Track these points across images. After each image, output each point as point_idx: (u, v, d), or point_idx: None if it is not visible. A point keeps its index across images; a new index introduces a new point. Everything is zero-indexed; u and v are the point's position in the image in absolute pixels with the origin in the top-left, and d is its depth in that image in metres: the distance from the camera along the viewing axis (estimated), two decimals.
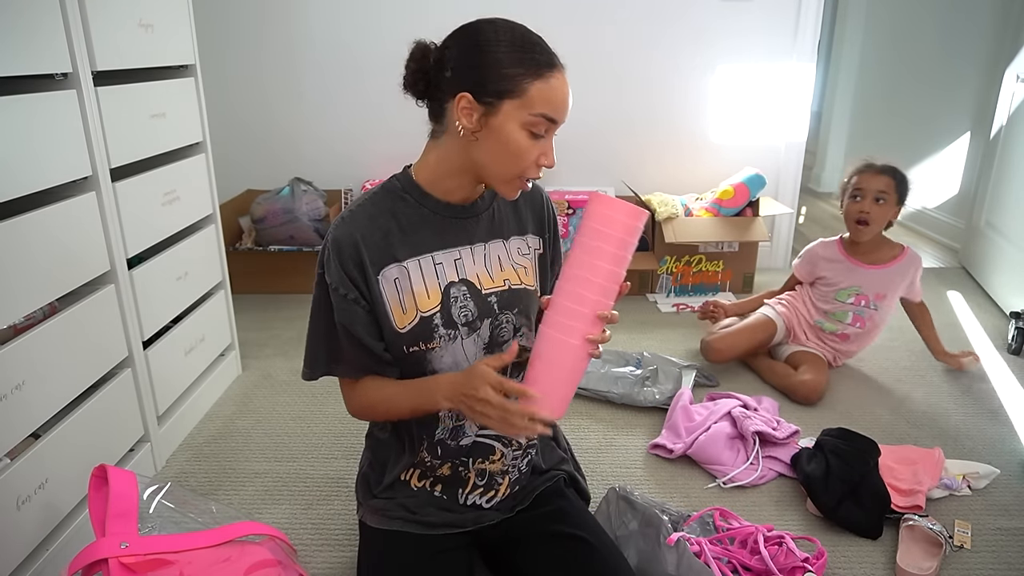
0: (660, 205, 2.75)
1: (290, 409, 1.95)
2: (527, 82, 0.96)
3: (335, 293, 1.06)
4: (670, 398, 1.89)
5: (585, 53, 2.86)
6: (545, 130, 1.00)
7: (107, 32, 1.43)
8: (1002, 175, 2.77)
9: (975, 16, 3.35)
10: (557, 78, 0.98)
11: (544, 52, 0.99)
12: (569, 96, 1.01)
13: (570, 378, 0.98)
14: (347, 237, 1.04)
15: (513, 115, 0.97)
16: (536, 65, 0.97)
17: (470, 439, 1.15)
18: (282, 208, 2.74)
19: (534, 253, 1.18)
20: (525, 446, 1.21)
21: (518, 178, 1.02)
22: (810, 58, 2.90)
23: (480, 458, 1.17)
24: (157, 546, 1.04)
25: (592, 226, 0.96)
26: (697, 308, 2.14)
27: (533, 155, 1.00)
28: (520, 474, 1.20)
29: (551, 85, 0.98)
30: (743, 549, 1.32)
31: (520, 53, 0.97)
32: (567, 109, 1.01)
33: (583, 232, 0.97)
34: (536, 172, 1.02)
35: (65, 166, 1.34)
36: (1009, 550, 1.39)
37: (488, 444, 1.16)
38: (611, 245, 0.95)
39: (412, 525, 1.15)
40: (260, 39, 2.92)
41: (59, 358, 1.30)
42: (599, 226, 0.95)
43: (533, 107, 0.97)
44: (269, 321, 2.54)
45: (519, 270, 1.14)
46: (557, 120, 1.00)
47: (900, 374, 2.13)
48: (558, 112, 0.99)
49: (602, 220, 0.95)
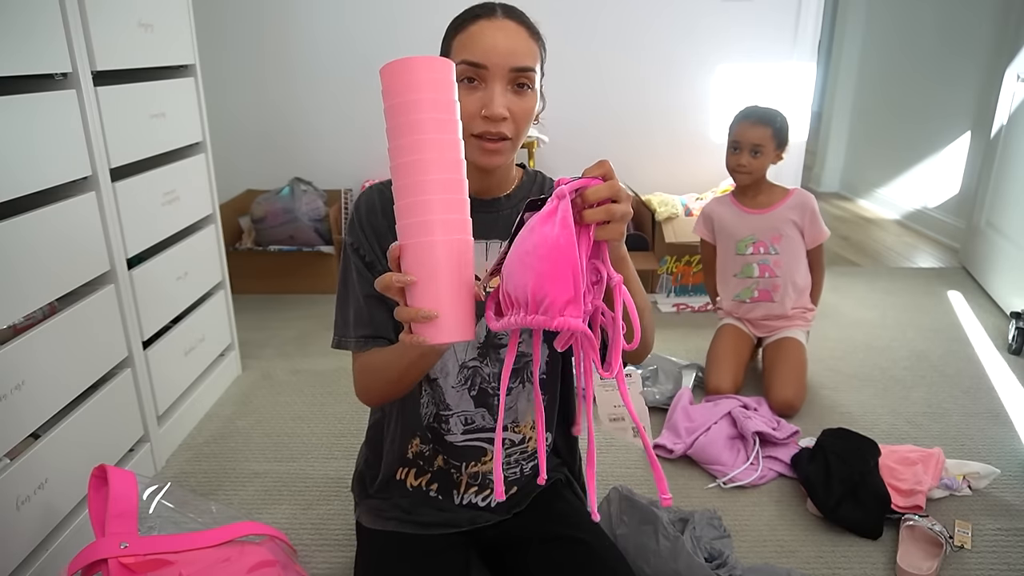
0: (660, 205, 2.75)
1: (290, 409, 1.95)
2: (452, 40, 0.98)
3: (355, 254, 1.06)
4: (670, 398, 1.89)
5: (585, 53, 2.87)
6: (477, 76, 0.94)
7: (107, 32, 1.43)
8: (1002, 175, 2.77)
9: (975, 16, 3.35)
10: (480, 24, 0.96)
11: (476, 7, 0.98)
12: (498, 37, 0.94)
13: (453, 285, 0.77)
14: (371, 203, 1.06)
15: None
16: (462, 20, 0.98)
17: (457, 437, 1.14)
18: (282, 208, 2.74)
19: None
20: (532, 452, 1.19)
21: (471, 137, 0.96)
22: (810, 58, 2.89)
23: (472, 461, 1.16)
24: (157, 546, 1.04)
25: (394, 103, 0.76)
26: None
27: (471, 107, 0.94)
28: (522, 475, 1.20)
29: (470, 32, 0.96)
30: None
31: (458, 17, 0.98)
32: (494, 50, 0.94)
33: (388, 116, 0.78)
34: (482, 125, 0.95)
35: (65, 166, 1.34)
36: (1009, 550, 1.39)
37: (478, 447, 1.15)
38: (425, 111, 0.76)
39: (407, 525, 1.14)
40: (260, 39, 2.92)
41: (59, 358, 1.30)
42: (401, 99, 0.76)
43: (457, 57, 0.95)
44: (269, 321, 2.54)
45: None
46: (479, 62, 0.94)
47: (900, 374, 2.13)
48: (478, 54, 0.94)
49: (400, 91, 0.76)
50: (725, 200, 2.10)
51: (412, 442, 1.17)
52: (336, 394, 2.02)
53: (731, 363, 1.99)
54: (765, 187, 2.04)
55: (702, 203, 2.83)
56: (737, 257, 2.06)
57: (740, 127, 1.97)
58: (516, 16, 0.99)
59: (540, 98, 1.03)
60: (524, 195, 1.11)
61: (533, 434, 1.18)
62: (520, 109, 0.97)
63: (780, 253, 2.01)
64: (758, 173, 1.99)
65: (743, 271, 2.06)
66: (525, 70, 0.96)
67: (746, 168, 1.97)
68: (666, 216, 2.72)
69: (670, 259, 2.75)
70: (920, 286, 2.89)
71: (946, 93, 3.60)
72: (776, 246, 2.01)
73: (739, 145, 1.97)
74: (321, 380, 2.10)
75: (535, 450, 1.20)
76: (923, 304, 2.69)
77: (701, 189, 3.00)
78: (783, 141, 1.98)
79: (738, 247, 2.05)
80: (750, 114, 1.98)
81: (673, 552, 1.24)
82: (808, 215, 2.00)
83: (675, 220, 2.72)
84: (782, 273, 2.02)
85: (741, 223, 2.04)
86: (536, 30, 1.00)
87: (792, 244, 2.01)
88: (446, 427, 1.14)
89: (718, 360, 2.00)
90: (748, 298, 2.06)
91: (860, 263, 3.23)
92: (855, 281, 2.95)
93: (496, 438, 0.86)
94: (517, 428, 1.17)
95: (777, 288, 2.03)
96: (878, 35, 4.28)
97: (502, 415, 0.84)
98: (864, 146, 4.50)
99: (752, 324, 2.09)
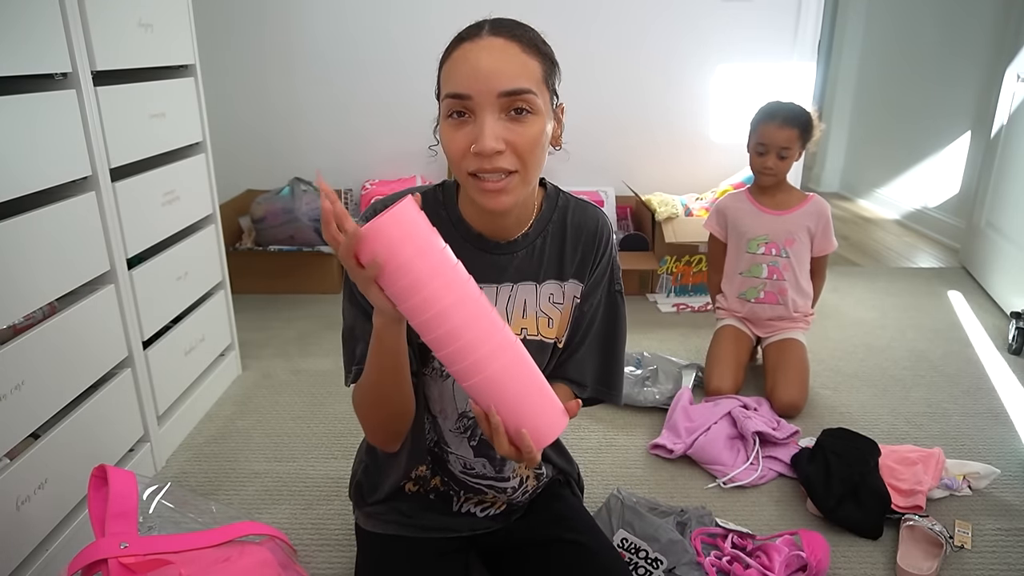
0: (660, 205, 2.75)
1: (290, 409, 1.95)
2: (441, 72, 0.88)
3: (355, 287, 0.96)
4: (670, 398, 1.89)
5: (585, 53, 2.87)
6: (464, 109, 0.84)
7: (107, 32, 1.43)
8: (1002, 175, 2.76)
9: (975, 15, 3.35)
10: (463, 48, 0.85)
11: (464, 30, 0.87)
12: (481, 59, 0.83)
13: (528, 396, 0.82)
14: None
15: (443, 110, 0.87)
16: (447, 49, 0.87)
17: (456, 468, 1.12)
18: (282, 208, 2.74)
19: (571, 301, 1.04)
20: (533, 489, 1.18)
21: (468, 177, 0.87)
22: (810, 58, 2.89)
23: (471, 494, 1.15)
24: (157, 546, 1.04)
25: (391, 267, 0.75)
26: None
27: (459, 144, 0.85)
28: (527, 501, 1.19)
29: (453, 59, 0.85)
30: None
31: (447, 47, 0.88)
32: (472, 75, 0.83)
33: (390, 281, 0.76)
34: (475, 162, 0.85)
35: (65, 166, 1.34)
36: (1009, 550, 1.39)
37: (479, 488, 1.13)
38: (416, 267, 0.75)
39: (407, 529, 1.14)
40: (260, 39, 2.92)
41: (59, 358, 1.30)
42: (391, 264, 0.75)
43: (443, 91, 0.87)
44: (269, 321, 2.54)
45: (542, 320, 1.02)
46: (461, 92, 0.83)
47: (900, 374, 2.13)
48: (458, 83, 0.83)
49: (387, 252, 0.74)
50: (742, 196, 2.08)
51: (419, 468, 1.14)
52: (336, 394, 2.02)
53: (731, 364, 1.99)
54: (785, 187, 2.04)
55: (702, 203, 2.84)
56: (747, 255, 2.05)
57: (767, 129, 1.92)
58: (506, 31, 0.86)
59: (551, 120, 0.90)
60: (542, 229, 1.00)
61: (528, 473, 1.16)
62: (520, 138, 0.84)
63: (790, 257, 2.01)
64: (783, 175, 1.99)
65: (751, 270, 2.05)
66: (518, 92, 0.83)
67: (772, 171, 1.95)
68: (666, 216, 2.72)
69: (670, 259, 2.75)
70: (920, 286, 2.89)
71: (946, 93, 3.60)
72: (788, 249, 2.01)
73: (766, 148, 1.93)
74: (321, 380, 2.10)
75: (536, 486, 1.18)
76: (923, 304, 2.69)
77: (701, 189, 3.00)
78: (808, 137, 1.95)
79: (749, 245, 2.04)
80: (775, 114, 1.93)
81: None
82: (823, 224, 2.00)
83: (675, 220, 2.72)
84: (789, 277, 2.02)
85: (757, 222, 2.03)
86: (534, 42, 0.88)
87: (802, 249, 2.02)
88: (447, 457, 1.13)
89: (718, 361, 2.00)
90: (753, 298, 2.06)
91: (860, 263, 3.23)
92: (855, 281, 2.95)
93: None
94: (515, 473, 1.14)
95: (784, 292, 2.03)
96: (878, 35, 4.28)
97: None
98: (864, 146, 4.50)
99: (753, 323, 2.09)
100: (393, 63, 2.92)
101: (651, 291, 2.83)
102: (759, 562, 1.28)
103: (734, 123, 2.98)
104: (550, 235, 1.02)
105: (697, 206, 2.83)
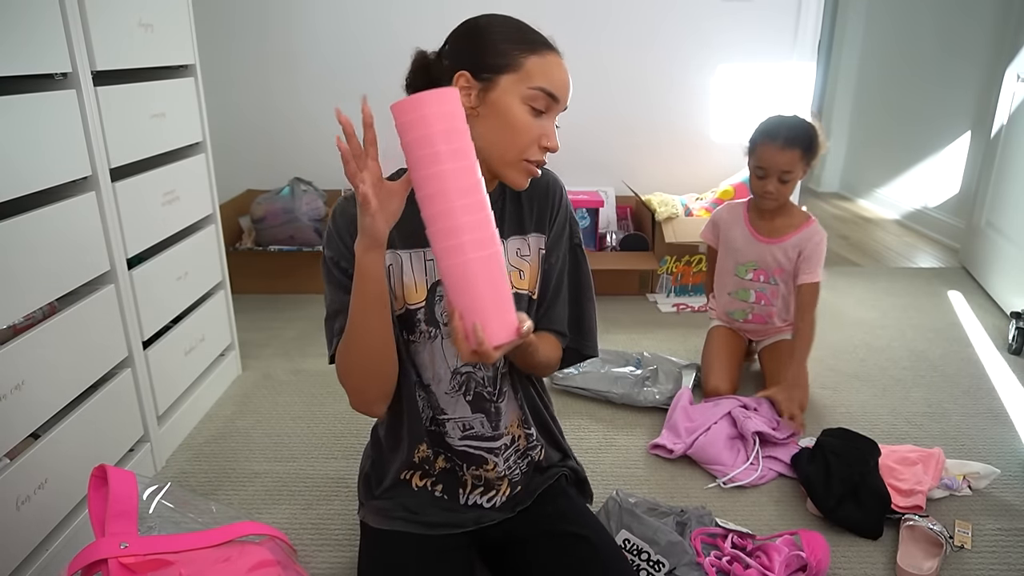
0: (660, 205, 2.75)
1: (290, 409, 1.95)
2: (523, 56, 0.97)
3: (337, 267, 1.04)
4: (670, 398, 1.89)
5: (585, 53, 2.86)
6: (545, 107, 0.98)
7: (107, 32, 1.43)
8: (1002, 175, 2.77)
9: (975, 16, 3.35)
10: (554, 56, 0.99)
11: (539, 34, 1.00)
12: (568, 80, 1.00)
13: (493, 293, 0.87)
14: (347, 213, 1.02)
15: (511, 89, 0.97)
16: (532, 42, 0.98)
17: (455, 440, 1.15)
18: (282, 208, 2.74)
19: (536, 253, 1.13)
20: (524, 449, 1.20)
21: (522, 160, 1.00)
22: (810, 58, 2.90)
23: (473, 466, 1.17)
24: (157, 546, 1.04)
25: (410, 139, 0.84)
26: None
27: (533, 133, 0.98)
28: (521, 474, 1.20)
29: (548, 60, 0.98)
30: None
31: (516, 32, 0.99)
32: (567, 89, 1.00)
33: (407, 151, 0.86)
34: (539, 154, 1.00)
35: (65, 166, 1.34)
36: (1009, 550, 1.39)
37: (479, 455, 1.16)
38: (439, 143, 0.83)
39: (413, 525, 1.14)
40: (260, 39, 2.92)
41: (59, 358, 1.30)
42: (416, 134, 0.84)
43: (532, 80, 0.97)
44: (269, 321, 2.54)
45: (513, 273, 1.10)
46: (556, 96, 0.99)
47: (900, 374, 2.13)
48: (556, 88, 0.98)
49: (415, 126, 0.84)
50: (738, 214, 1.99)
51: (419, 447, 1.16)
52: (336, 394, 2.01)
53: (727, 364, 1.98)
54: (786, 210, 1.92)
55: (702, 203, 2.84)
56: (735, 278, 2.02)
57: (766, 151, 1.78)
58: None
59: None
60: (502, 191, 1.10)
61: (520, 432, 1.19)
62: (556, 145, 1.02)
63: (779, 284, 1.97)
64: (785, 199, 1.87)
65: (739, 293, 2.02)
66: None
67: (773, 196, 1.83)
68: (666, 216, 2.72)
69: (670, 259, 2.75)
70: (920, 286, 2.89)
71: (946, 93, 3.60)
72: (777, 277, 1.96)
73: (766, 172, 1.80)
74: (321, 380, 2.10)
75: (527, 447, 1.20)
76: (923, 304, 2.69)
77: (701, 189, 3.00)
78: (812, 157, 1.80)
79: (738, 269, 2.00)
80: (775, 134, 1.77)
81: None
82: (810, 249, 1.87)
83: (675, 220, 2.72)
84: (777, 303, 2.00)
85: (748, 247, 1.97)
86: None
87: (791, 277, 1.95)
88: (444, 429, 1.15)
89: (714, 362, 1.99)
90: (741, 319, 2.04)
91: (860, 263, 3.23)
92: (855, 281, 2.95)
93: None
94: (507, 430, 1.17)
95: (772, 316, 2.01)
96: (878, 35, 4.29)
97: None
98: (864, 146, 4.50)
99: (744, 331, 2.09)
100: (393, 62, 2.89)
101: (651, 291, 2.83)
102: (759, 562, 1.28)
103: (734, 123, 2.98)
104: (508, 196, 1.11)
105: (697, 206, 2.83)
